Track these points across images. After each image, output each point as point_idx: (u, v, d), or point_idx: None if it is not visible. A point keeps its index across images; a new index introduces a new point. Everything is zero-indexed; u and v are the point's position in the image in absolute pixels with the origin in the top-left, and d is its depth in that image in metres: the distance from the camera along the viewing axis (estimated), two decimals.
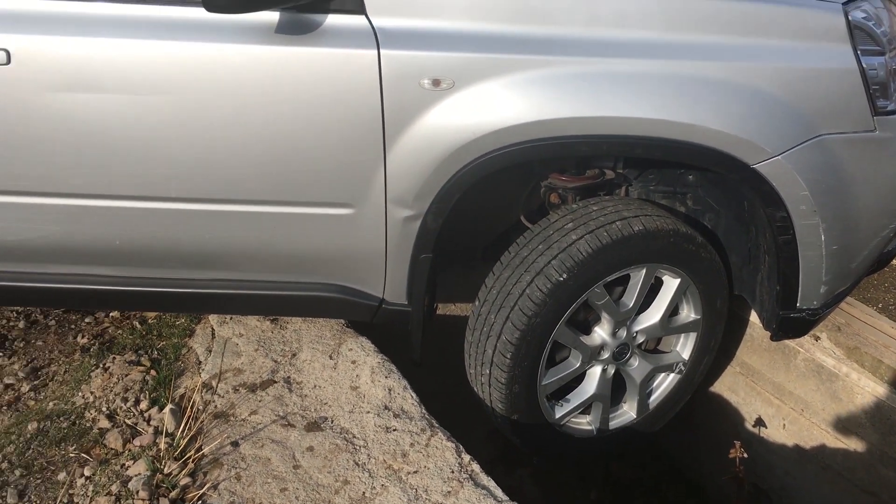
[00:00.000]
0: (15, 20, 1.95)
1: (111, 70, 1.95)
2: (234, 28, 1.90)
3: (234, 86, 1.92)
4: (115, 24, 1.94)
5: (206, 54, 1.91)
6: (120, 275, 2.24)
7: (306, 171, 2.03)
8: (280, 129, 1.97)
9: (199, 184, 2.06)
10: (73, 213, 2.12)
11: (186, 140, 1.99)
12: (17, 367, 2.54)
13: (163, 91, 1.94)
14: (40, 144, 2.02)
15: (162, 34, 1.92)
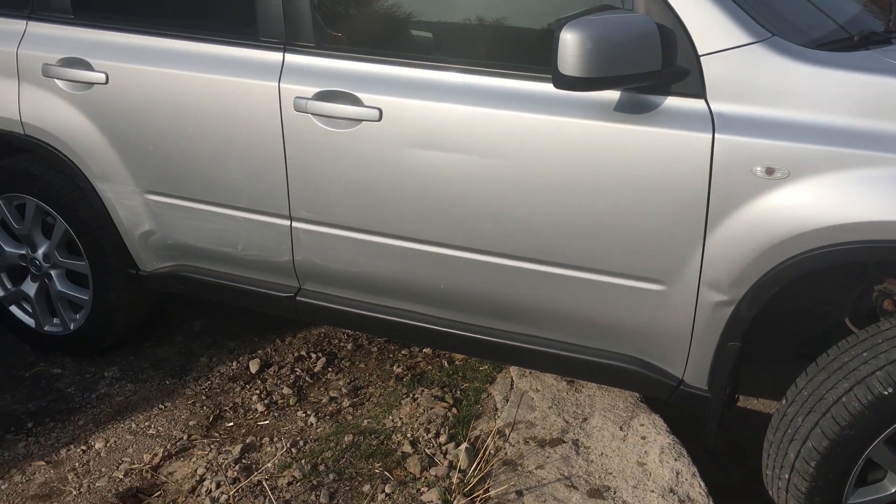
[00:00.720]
0: (388, 83, 2.27)
1: (463, 133, 2.18)
2: (576, 104, 2.04)
3: (568, 156, 2.06)
4: (470, 92, 2.18)
5: (548, 125, 2.06)
6: (439, 315, 2.46)
7: (624, 244, 2.09)
8: (605, 200, 2.06)
9: (522, 242, 2.21)
10: (409, 255, 2.38)
11: (518, 201, 2.16)
12: (342, 384, 2.88)
13: (505, 155, 2.13)
14: (394, 191, 2.31)
15: (510, 104, 2.12)
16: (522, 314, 2.34)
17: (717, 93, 1.93)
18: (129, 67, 2.57)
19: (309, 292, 2.64)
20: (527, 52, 2.25)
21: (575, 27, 1.82)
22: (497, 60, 2.21)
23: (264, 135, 2.43)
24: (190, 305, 3.41)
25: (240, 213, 2.58)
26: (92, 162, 2.71)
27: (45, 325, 3.10)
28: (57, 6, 2.70)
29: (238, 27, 2.49)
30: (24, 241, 3.02)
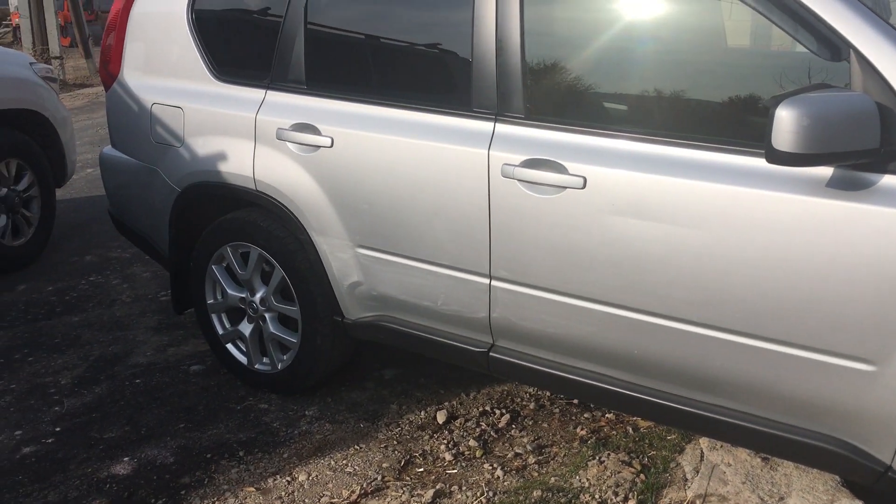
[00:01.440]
0: (593, 153, 2.37)
1: (665, 203, 2.24)
2: (787, 179, 2.05)
3: (777, 230, 2.07)
4: (674, 164, 2.24)
5: (756, 199, 2.09)
6: (631, 380, 2.50)
7: (832, 321, 2.06)
8: (813, 275, 2.05)
9: (722, 313, 2.22)
10: (605, 319, 2.44)
11: (720, 273, 2.18)
12: (526, 441, 2.95)
13: (708, 227, 2.17)
14: (594, 256, 2.40)
15: (716, 177, 2.16)
16: (718, 385, 2.33)
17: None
18: (352, 133, 2.84)
19: (502, 349, 2.75)
20: (732, 126, 2.29)
21: (792, 104, 1.86)
22: (701, 133, 2.27)
23: (471, 198, 2.60)
24: (379, 355, 3.62)
25: (442, 269, 2.75)
26: (312, 217, 2.98)
27: (255, 364, 3.40)
28: (293, 78, 3.02)
29: (452, 99, 2.69)
30: (244, 285, 3.34)
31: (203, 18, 3.29)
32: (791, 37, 2.15)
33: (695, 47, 2.59)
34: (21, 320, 4.18)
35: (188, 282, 3.52)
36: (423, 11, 2.89)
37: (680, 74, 2.49)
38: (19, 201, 4.94)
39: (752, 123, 2.19)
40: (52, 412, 3.27)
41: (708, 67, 2.59)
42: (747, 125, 2.25)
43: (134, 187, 3.63)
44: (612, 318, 2.44)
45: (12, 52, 5.64)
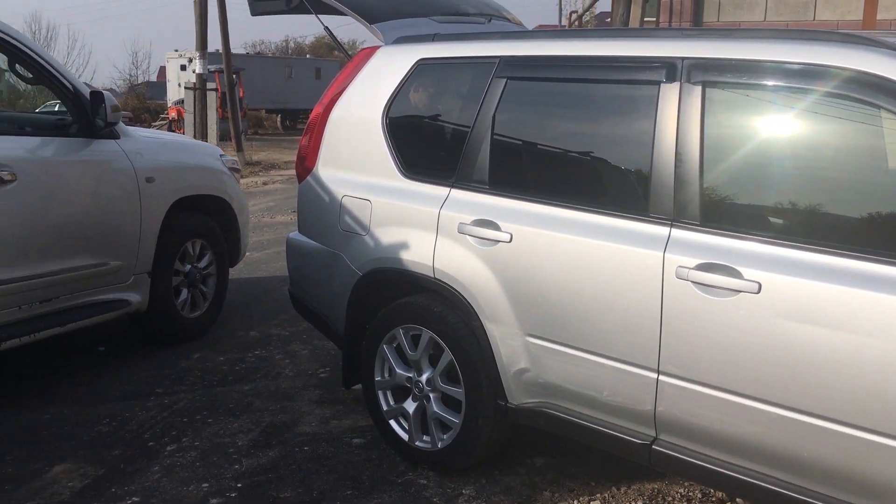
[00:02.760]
0: (768, 260, 2.53)
1: (840, 311, 2.37)
2: None
3: None
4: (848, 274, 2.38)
5: None
6: (798, 483, 2.55)
7: None
8: None
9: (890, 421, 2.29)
10: (775, 420, 2.54)
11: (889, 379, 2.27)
12: None
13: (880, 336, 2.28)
14: (766, 358, 2.52)
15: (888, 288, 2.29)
16: (890, 494, 2.37)
17: None
18: (531, 230, 3.10)
19: (665, 442, 2.86)
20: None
21: None
22: (872, 247, 2.40)
23: (644, 296, 2.78)
24: (530, 442, 3.77)
25: (610, 361, 2.92)
26: (486, 305, 3.23)
27: (416, 441, 3.61)
28: (476, 178, 3.33)
29: (629, 203, 2.92)
30: (412, 366, 3.59)
31: (395, 123, 3.69)
32: None
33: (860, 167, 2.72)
34: (199, 385, 4.58)
35: (358, 359, 3.80)
36: (605, 123, 3.16)
37: (854, 191, 2.64)
38: (199, 278, 5.45)
39: None
40: (233, 469, 3.57)
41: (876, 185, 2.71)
42: None
43: (316, 269, 4.01)
44: (782, 420, 2.53)
45: (207, 145, 6.33)
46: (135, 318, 5.08)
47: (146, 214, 4.86)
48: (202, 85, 16.29)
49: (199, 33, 16.59)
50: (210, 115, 16.28)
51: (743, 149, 2.78)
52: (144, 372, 4.77)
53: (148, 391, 4.48)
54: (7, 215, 4.03)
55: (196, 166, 5.48)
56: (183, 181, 5.25)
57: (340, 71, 4.03)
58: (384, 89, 3.71)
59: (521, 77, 3.29)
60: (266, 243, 8.79)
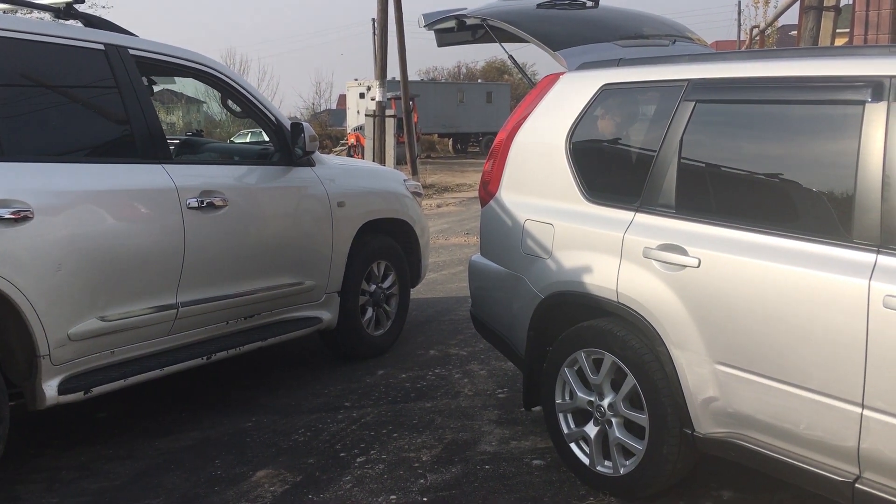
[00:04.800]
0: None
1: None
2: None
3: None
4: None
5: None
6: None
7: None
8: None
9: None
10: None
11: None
12: None
13: None
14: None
15: None
16: None
17: None
18: (721, 256, 3.03)
19: (870, 482, 2.69)
20: None
21: None
22: None
23: (847, 326, 2.65)
24: (716, 473, 3.65)
25: (808, 393, 2.79)
26: (672, 330, 3.18)
27: (597, 465, 3.59)
28: (662, 202, 3.30)
29: (828, 229, 2.80)
30: (594, 389, 3.59)
31: (579, 147, 3.72)
32: None
33: None
34: (384, 401, 4.79)
35: (539, 381, 3.85)
36: (800, 143, 3.05)
37: None
38: (383, 297, 5.71)
39: None
40: (419, 483, 3.71)
41: None
42: None
43: (498, 291, 4.10)
44: None
45: (392, 171, 6.64)
46: (324, 334, 5.38)
47: (337, 237, 5.16)
48: (381, 112, 17.02)
49: (378, 62, 17.39)
50: (389, 140, 16.97)
51: None
52: (333, 386, 5.05)
53: (338, 404, 4.73)
54: (219, 238, 4.42)
55: (382, 191, 5.76)
56: (370, 205, 5.53)
57: (524, 98, 4.12)
58: (568, 114, 3.76)
59: (710, 100, 3.24)
60: (442, 264, 9.04)
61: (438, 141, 34.51)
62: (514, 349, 4.06)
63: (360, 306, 5.48)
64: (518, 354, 4.02)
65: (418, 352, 5.76)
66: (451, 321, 6.55)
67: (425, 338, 6.10)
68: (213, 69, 4.70)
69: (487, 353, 5.54)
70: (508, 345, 4.11)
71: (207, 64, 4.68)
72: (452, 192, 17.89)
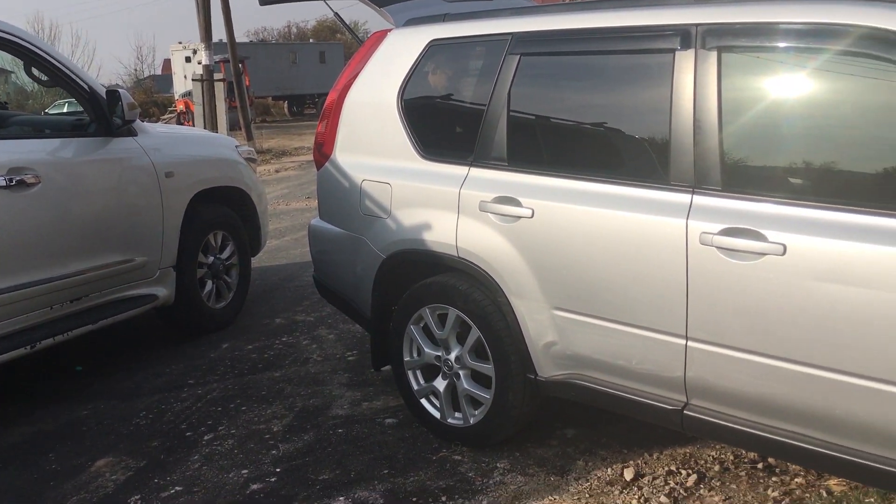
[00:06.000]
0: (792, 222, 2.55)
1: (864, 269, 2.39)
2: None
3: None
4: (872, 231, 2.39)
5: None
6: (831, 440, 2.59)
7: None
8: None
9: None
10: (804, 379, 2.57)
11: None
12: (717, 500, 3.07)
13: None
14: (792, 318, 2.54)
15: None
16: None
17: None
18: (552, 205, 3.12)
19: (696, 407, 2.90)
20: None
21: None
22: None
23: (669, 264, 2.81)
24: (560, 414, 3.81)
25: (638, 330, 2.95)
26: (511, 281, 3.26)
27: (448, 418, 3.66)
28: (495, 156, 3.35)
29: (649, 173, 2.94)
30: (441, 344, 3.64)
31: (411, 105, 3.70)
32: None
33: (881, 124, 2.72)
34: (230, 374, 4.65)
35: (386, 341, 3.85)
36: (620, 92, 3.17)
37: (872, 147, 2.64)
38: (223, 268, 5.51)
39: None
40: (271, 455, 3.64)
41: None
42: None
43: (340, 254, 4.05)
44: (810, 378, 2.56)
45: (223, 137, 6.38)
46: (162, 311, 5.15)
47: (168, 209, 4.91)
48: (209, 76, 16.30)
49: (202, 24, 16.60)
50: (219, 105, 16.31)
51: (761, 112, 2.78)
52: (175, 365, 4.85)
53: (181, 383, 4.56)
54: (33, 218, 4.09)
55: (213, 159, 5.53)
56: (201, 174, 5.29)
57: (353, 56, 4.05)
58: (398, 72, 3.72)
59: (534, 52, 3.30)
60: (284, 230, 8.85)
61: (273, 104, 33.55)
62: (359, 311, 4.04)
63: (198, 279, 5.27)
64: (364, 316, 4.00)
65: (264, 321, 5.63)
66: (297, 287, 6.44)
67: (270, 307, 5.97)
68: (9, 34, 4.28)
69: (334, 317, 5.49)
70: (354, 307, 4.09)
71: (1, 28, 4.26)
72: (291, 155, 17.50)
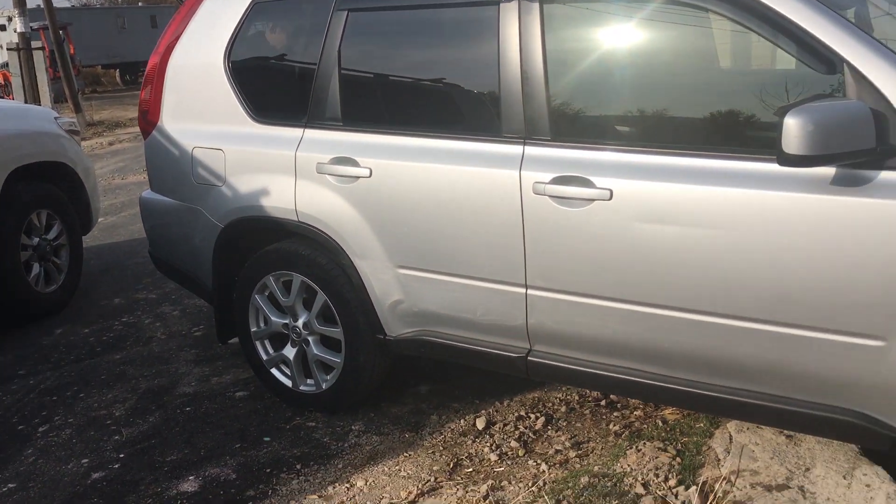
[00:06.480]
0: (618, 168, 2.64)
1: (688, 209, 2.51)
2: (796, 180, 2.33)
3: (790, 225, 2.34)
4: (694, 173, 2.51)
5: (771, 199, 2.36)
6: (664, 373, 2.74)
7: (844, 304, 2.32)
8: (825, 264, 2.31)
9: (744, 304, 2.48)
10: (636, 318, 2.69)
11: (740, 267, 2.45)
12: (564, 439, 3.18)
13: (728, 227, 2.44)
14: (623, 260, 2.65)
15: (731, 182, 2.43)
16: (743, 370, 2.57)
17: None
18: (389, 163, 3.09)
19: (539, 353, 2.99)
20: (742, 136, 2.58)
21: (798, 113, 2.14)
22: (714, 144, 2.55)
23: (505, 215, 2.85)
24: (413, 371, 3.84)
25: (480, 282, 3.00)
26: (354, 242, 3.23)
27: (300, 385, 3.61)
28: (329, 116, 3.28)
29: (481, 126, 2.97)
30: (287, 312, 3.56)
31: (239, 67, 3.56)
32: (791, 55, 2.44)
33: (697, 69, 2.87)
34: (65, 361, 4.38)
35: (231, 312, 3.74)
36: (449, 48, 3.16)
37: (686, 93, 2.77)
38: (50, 250, 5.16)
39: (762, 133, 2.47)
40: (113, 441, 3.47)
41: (712, 85, 2.87)
42: (757, 134, 2.53)
43: (176, 227, 3.87)
44: (641, 316, 2.68)
45: (38, 108, 5.91)
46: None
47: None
48: (26, 45, 15.08)
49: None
50: (40, 76, 15.14)
51: (585, 62, 2.86)
52: (3, 355, 4.51)
53: (10, 374, 4.24)
54: None
55: (31, 132, 5.12)
56: (17, 150, 4.90)
57: (174, 17, 3.83)
58: (222, 33, 3.56)
59: (361, 8, 3.24)
60: (120, 206, 8.39)
61: (104, 73, 31.51)
62: (201, 285, 3.89)
63: (22, 263, 4.90)
64: (206, 289, 3.85)
65: (101, 302, 5.32)
66: (137, 265, 6.11)
67: (108, 286, 5.65)
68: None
69: (179, 292, 5.26)
70: (195, 281, 3.93)
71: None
72: (125, 127, 16.51)
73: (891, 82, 2.22)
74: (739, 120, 2.61)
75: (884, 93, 2.21)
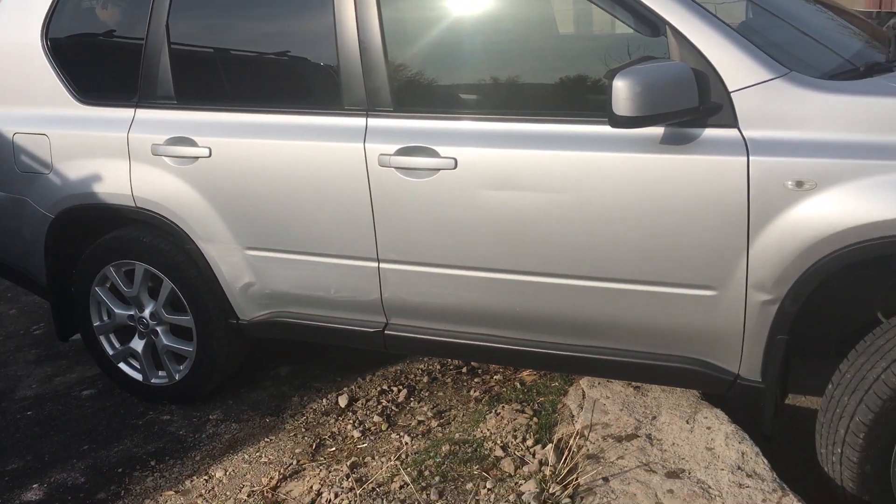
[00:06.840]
0: (462, 136, 2.65)
1: (529, 174, 2.55)
2: (628, 140, 2.40)
3: (624, 184, 2.41)
4: (533, 138, 2.55)
5: (605, 160, 2.43)
6: (517, 336, 2.79)
7: (676, 257, 2.43)
8: (658, 220, 2.41)
9: (587, 264, 2.55)
10: (487, 284, 2.72)
11: (582, 228, 2.51)
12: (426, 409, 3.20)
13: (567, 189, 2.49)
14: (471, 228, 2.67)
15: (570, 146, 2.49)
16: (590, 328, 2.66)
17: (748, 122, 2.29)
18: (230, 141, 2.97)
19: (396, 325, 2.97)
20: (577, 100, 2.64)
21: (625, 75, 2.20)
22: (551, 109, 2.59)
23: (352, 189, 2.81)
24: (273, 354, 3.76)
25: (332, 259, 2.94)
26: (197, 225, 3.09)
27: (151, 378, 3.45)
28: (162, 94, 3.11)
29: (323, 100, 2.90)
30: (132, 302, 3.39)
31: (59, 45, 3.32)
32: (616, 18, 2.50)
33: (535, 36, 2.91)
34: None
35: (71, 307, 3.51)
36: (285, 20, 3.05)
37: (525, 60, 2.81)
38: None
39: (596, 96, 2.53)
40: None
41: (550, 52, 2.92)
42: (591, 97, 2.58)
43: (2, 220, 3.59)
44: (492, 282, 2.71)
45: None
46: None
47: None
48: None
49: None
50: None
51: (424, 31, 2.84)
52: None
53: None
54: None
55: None
56: None
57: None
58: (37, 8, 3.30)
59: None
60: None
61: None
62: (34, 280, 3.63)
63: None
64: (41, 284, 3.60)
65: None
66: None
67: None
68: None
69: (14, 290, 4.91)
70: (28, 276, 3.66)
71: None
72: None
73: (710, 43, 2.32)
74: (576, 85, 2.66)
75: (704, 53, 2.31)
